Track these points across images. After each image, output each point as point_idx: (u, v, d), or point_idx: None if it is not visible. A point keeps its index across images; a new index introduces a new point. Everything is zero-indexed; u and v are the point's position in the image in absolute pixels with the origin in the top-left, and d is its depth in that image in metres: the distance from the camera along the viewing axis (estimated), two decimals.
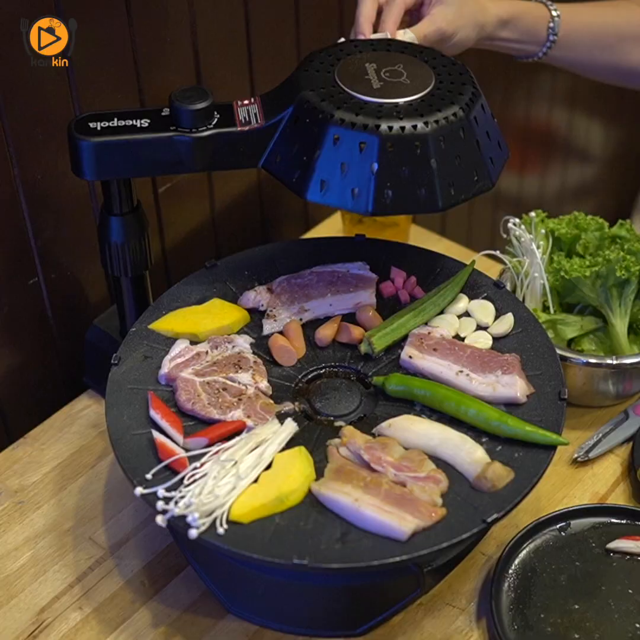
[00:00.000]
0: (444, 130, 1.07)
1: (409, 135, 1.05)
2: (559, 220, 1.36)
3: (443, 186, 1.07)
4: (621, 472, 1.23)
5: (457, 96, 1.10)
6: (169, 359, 1.15)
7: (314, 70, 1.12)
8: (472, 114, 1.09)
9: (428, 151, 1.06)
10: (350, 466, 1.05)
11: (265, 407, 1.11)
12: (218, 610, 1.11)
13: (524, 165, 2.22)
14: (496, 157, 1.13)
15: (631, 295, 1.28)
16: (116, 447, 1.07)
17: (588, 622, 1.08)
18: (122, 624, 1.10)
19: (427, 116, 1.07)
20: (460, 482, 1.04)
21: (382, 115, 1.06)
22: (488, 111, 1.13)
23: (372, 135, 1.05)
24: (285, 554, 0.98)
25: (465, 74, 1.14)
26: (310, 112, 1.08)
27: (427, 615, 1.11)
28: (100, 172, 1.12)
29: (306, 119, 1.08)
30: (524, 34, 1.35)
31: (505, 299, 1.22)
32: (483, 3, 1.30)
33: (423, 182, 1.06)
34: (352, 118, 1.06)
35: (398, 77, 1.11)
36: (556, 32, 1.35)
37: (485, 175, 1.11)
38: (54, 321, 1.33)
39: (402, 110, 1.07)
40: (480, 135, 1.10)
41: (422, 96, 1.09)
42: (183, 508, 1.00)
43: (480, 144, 1.10)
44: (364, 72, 1.11)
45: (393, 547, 0.99)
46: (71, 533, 1.19)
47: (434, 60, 1.15)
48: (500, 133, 1.15)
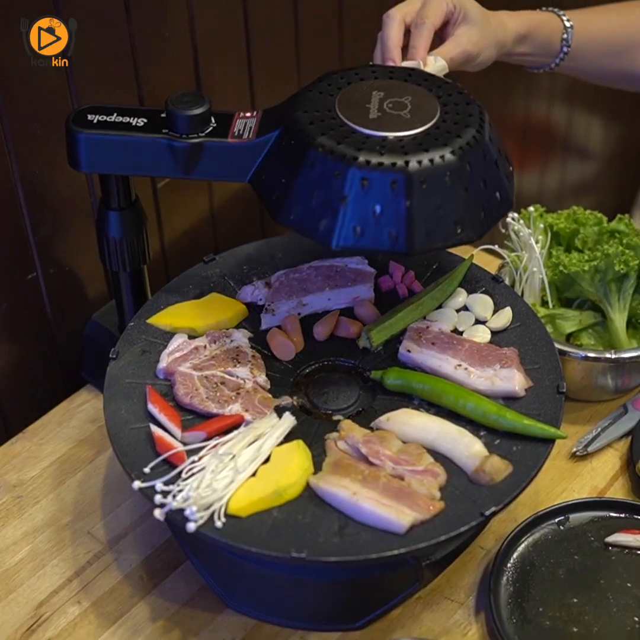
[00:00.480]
0: (427, 171, 1.00)
1: (386, 169, 0.99)
2: (558, 215, 1.36)
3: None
4: (620, 466, 1.23)
5: (468, 118, 1.05)
6: (167, 353, 1.15)
7: (318, 92, 1.08)
8: (486, 135, 1.05)
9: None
10: (348, 460, 1.05)
11: (263, 401, 1.11)
12: (216, 605, 1.11)
13: (523, 162, 2.22)
14: (509, 173, 1.09)
15: (630, 290, 1.28)
16: (114, 441, 1.07)
17: (587, 615, 1.08)
18: (120, 618, 1.10)
19: (411, 155, 1.00)
20: (458, 475, 1.04)
21: (363, 148, 1.00)
22: (493, 125, 1.09)
23: (347, 166, 1.00)
24: (283, 547, 0.98)
25: (464, 93, 1.09)
26: (296, 133, 1.04)
27: (426, 609, 1.10)
28: (91, 165, 1.12)
29: (291, 140, 1.05)
30: (539, 47, 1.33)
31: (503, 293, 1.22)
32: (502, 19, 1.27)
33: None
34: (333, 145, 1.01)
35: (400, 110, 1.05)
36: (569, 44, 1.33)
37: (507, 195, 1.07)
38: (53, 316, 1.33)
39: (387, 145, 1.01)
40: (496, 153, 1.07)
41: (418, 133, 1.03)
42: (181, 501, 1.00)
43: (498, 163, 1.06)
44: (367, 100, 1.06)
45: (391, 541, 0.99)
46: (70, 527, 1.19)
47: (448, 97, 1.08)
48: (504, 147, 1.11)
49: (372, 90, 1.08)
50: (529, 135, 2.19)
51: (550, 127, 2.24)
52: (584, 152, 2.38)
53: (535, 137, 2.21)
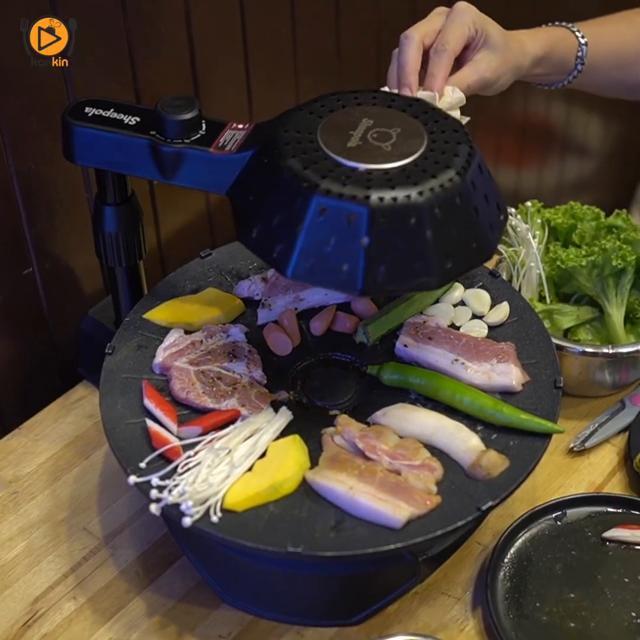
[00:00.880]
0: (385, 209, 0.94)
1: (345, 201, 0.94)
2: (555, 210, 1.36)
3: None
4: (617, 462, 1.23)
5: (452, 158, 0.99)
6: (163, 348, 1.15)
7: (308, 112, 1.03)
8: (467, 179, 0.98)
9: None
10: (345, 455, 1.05)
11: (259, 396, 1.11)
12: (213, 600, 1.10)
13: (521, 159, 2.21)
14: (495, 222, 1.02)
15: (627, 285, 1.28)
16: (110, 436, 1.06)
17: (584, 611, 1.07)
18: (116, 614, 1.10)
19: (374, 189, 0.94)
20: (455, 470, 1.04)
21: (328, 176, 0.95)
22: (485, 170, 1.02)
23: (309, 193, 0.95)
24: (279, 542, 0.98)
25: (460, 131, 1.02)
26: (270, 152, 1.00)
27: (423, 604, 1.10)
28: (82, 158, 1.11)
29: (265, 159, 1.01)
30: (555, 67, 1.28)
31: (500, 288, 1.22)
32: (522, 41, 1.22)
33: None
34: (299, 169, 0.96)
35: (383, 141, 0.99)
36: (584, 61, 1.29)
37: (486, 244, 1.00)
38: (49, 312, 1.33)
39: (354, 177, 0.95)
40: (478, 200, 1.00)
41: (392, 167, 0.97)
42: (177, 496, 0.99)
43: (478, 211, 0.99)
44: (353, 127, 1.00)
45: (388, 535, 0.98)
46: (65, 523, 1.18)
47: (441, 133, 1.02)
48: (499, 193, 1.05)
49: (362, 117, 1.02)
50: (527, 133, 2.19)
51: (549, 123, 2.24)
52: (583, 149, 2.38)
53: (534, 135, 2.21)
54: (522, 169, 2.22)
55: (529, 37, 1.24)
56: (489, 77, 1.16)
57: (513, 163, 2.19)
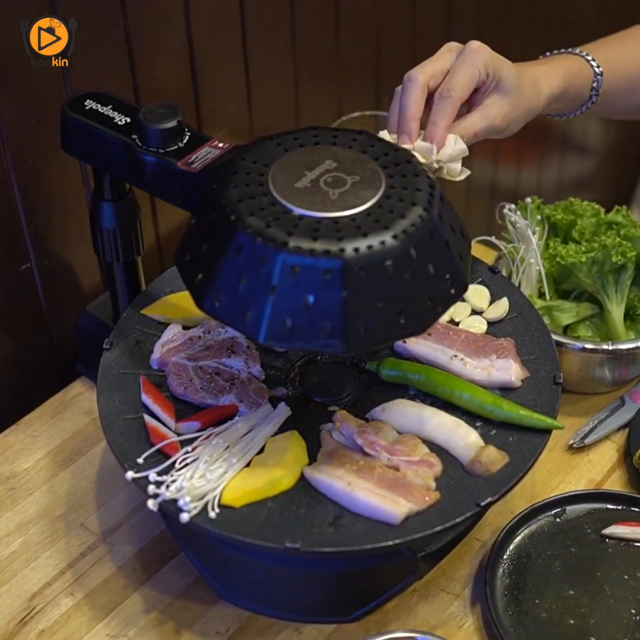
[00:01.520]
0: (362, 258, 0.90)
1: (318, 257, 0.90)
2: (555, 207, 1.35)
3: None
4: (617, 459, 1.23)
5: (415, 194, 0.95)
6: (161, 344, 1.14)
7: (276, 144, 1.00)
8: (434, 213, 0.94)
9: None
10: (343, 450, 1.04)
11: (258, 391, 1.10)
12: (211, 597, 1.10)
13: (520, 157, 2.21)
14: (464, 252, 0.99)
15: (627, 282, 1.28)
16: (107, 432, 1.06)
17: (583, 607, 1.07)
18: (113, 610, 1.09)
19: (347, 240, 0.91)
20: (454, 466, 1.04)
21: (294, 232, 0.91)
22: (446, 199, 0.98)
23: (276, 252, 0.90)
24: (277, 537, 0.97)
25: (413, 162, 0.98)
26: (221, 210, 0.95)
27: (421, 601, 1.10)
28: (74, 150, 1.12)
29: (216, 216, 0.96)
30: (570, 101, 1.23)
31: (500, 284, 1.21)
32: (537, 81, 1.16)
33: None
34: (262, 228, 0.92)
35: (340, 185, 0.95)
36: (599, 92, 1.24)
37: (459, 277, 0.97)
38: (47, 308, 1.33)
39: (322, 229, 0.92)
40: (447, 232, 0.96)
41: (358, 213, 0.93)
42: (174, 492, 0.99)
43: (449, 243, 0.96)
44: (303, 173, 0.96)
45: (386, 531, 0.98)
46: (63, 519, 1.18)
47: (395, 167, 0.98)
48: (460, 220, 1.01)
49: (324, 159, 0.98)
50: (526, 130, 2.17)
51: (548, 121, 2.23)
52: (583, 147, 2.37)
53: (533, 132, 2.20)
54: (521, 166, 2.22)
55: (545, 75, 1.18)
56: (499, 124, 1.10)
57: (512, 160, 2.18)
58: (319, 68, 1.55)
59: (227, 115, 1.45)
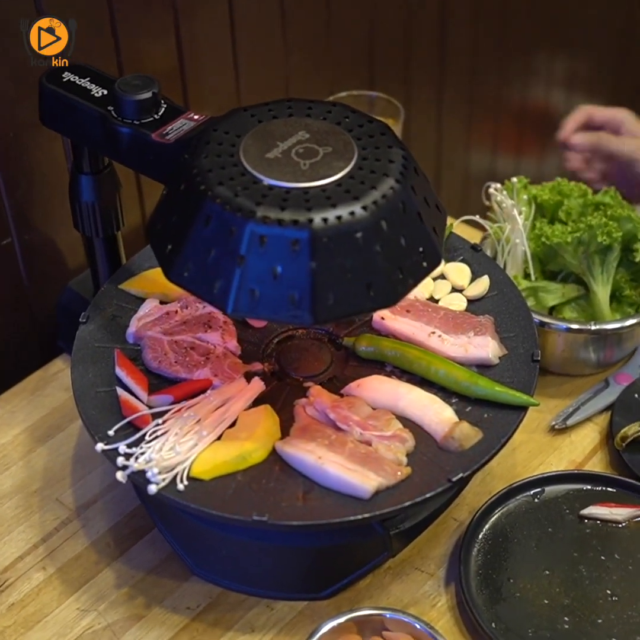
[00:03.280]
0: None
1: (286, 227, 0.89)
2: (542, 187, 1.34)
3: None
4: (599, 440, 1.21)
5: (387, 165, 0.94)
6: (137, 318, 1.13)
7: (250, 115, 0.99)
8: (407, 185, 0.94)
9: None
10: (316, 425, 1.03)
11: (232, 366, 1.09)
12: (183, 573, 1.09)
13: (520, 147, 2.19)
14: (438, 225, 0.99)
15: (613, 263, 1.26)
16: (79, 404, 1.05)
17: (558, 587, 1.05)
18: (85, 585, 1.08)
19: (315, 210, 0.90)
20: (427, 442, 1.03)
21: (263, 202, 0.90)
22: (421, 171, 0.98)
23: (244, 222, 0.90)
24: (245, 510, 0.96)
25: (388, 134, 0.98)
26: (191, 180, 0.94)
27: (395, 579, 1.08)
28: (48, 121, 1.11)
29: (185, 186, 0.95)
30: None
31: (482, 262, 1.20)
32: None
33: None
34: (230, 197, 0.91)
35: (312, 155, 0.94)
36: None
37: (432, 250, 0.96)
38: (29, 284, 1.32)
39: (290, 199, 0.91)
40: (420, 205, 0.96)
41: (328, 183, 0.92)
42: (143, 463, 0.98)
43: (422, 216, 0.95)
44: (275, 143, 0.95)
45: (355, 506, 0.97)
46: (38, 494, 1.17)
47: (369, 138, 0.97)
48: (435, 194, 1.00)
49: (283, 132, 0.97)
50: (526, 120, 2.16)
51: (549, 111, 2.22)
52: None
53: (533, 122, 2.18)
54: (521, 157, 2.20)
55: None
56: None
57: (511, 151, 2.17)
58: (309, 48, 1.54)
59: (216, 97, 1.44)
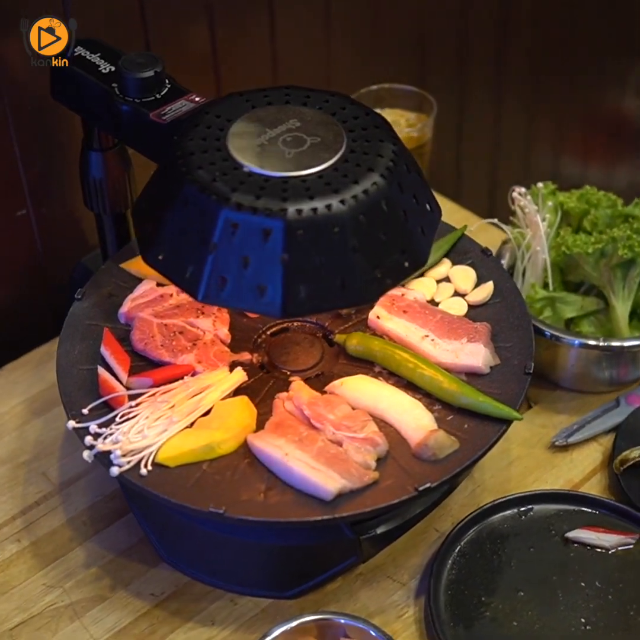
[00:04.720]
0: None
1: (259, 215, 0.87)
2: (570, 194, 1.29)
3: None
4: (601, 462, 1.16)
5: (375, 159, 0.91)
6: (131, 298, 1.12)
7: (245, 100, 0.97)
8: (393, 181, 0.91)
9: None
10: (290, 421, 1.01)
11: (219, 354, 1.07)
12: (152, 558, 1.08)
13: (587, 154, 2.12)
14: (427, 225, 0.95)
15: (636, 278, 1.21)
16: (60, 380, 1.05)
17: (530, 611, 1.01)
18: (55, 561, 1.08)
19: (291, 201, 0.87)
20: (402, 448, 0.99)
21: (239, 188, 0.88)
22: (413, 168, 0.95)
23: (219, 208, 0.88)
24: (203, 501, 0.94)
25: (383, 127, 0.95)
26: (174, 162, 0.93)
27: (365, 586, 1.05)
28: (57, 95, 1.10)
29: (168, 169, 0.94)
30: None
31: (490, 267, 1.16)
32: None
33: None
34: (208, 182, 0.89)
35: (299, 145, 0.92)
36: None
37: (416, 250, 0.93)
38: (44, 256, 1.32)
39: (268, 187, 0.89)
40: (407, 202, 0.93)
41: (310, 174, 0.90)
42: (109, 444, 0.97)
43: (408, 215, 0.92)
44: (263, 131, 0.93)
45: (315, 506, 0.94)
46: (26, 466, 1.17)
47: (362, 131, 0.94)
48: (430, 192, 0.97)
49: (274, 119, 0.95)
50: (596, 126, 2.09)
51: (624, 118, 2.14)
52: None
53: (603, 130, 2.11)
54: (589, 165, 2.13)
55: None
56: None
57: (579, 157, 2.10)
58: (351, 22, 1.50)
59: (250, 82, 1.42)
